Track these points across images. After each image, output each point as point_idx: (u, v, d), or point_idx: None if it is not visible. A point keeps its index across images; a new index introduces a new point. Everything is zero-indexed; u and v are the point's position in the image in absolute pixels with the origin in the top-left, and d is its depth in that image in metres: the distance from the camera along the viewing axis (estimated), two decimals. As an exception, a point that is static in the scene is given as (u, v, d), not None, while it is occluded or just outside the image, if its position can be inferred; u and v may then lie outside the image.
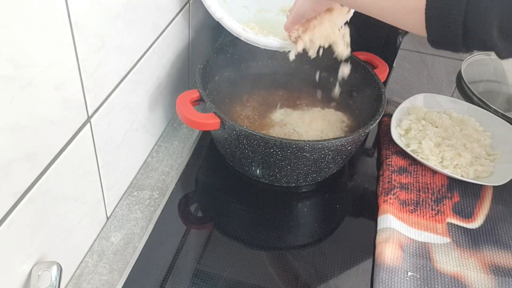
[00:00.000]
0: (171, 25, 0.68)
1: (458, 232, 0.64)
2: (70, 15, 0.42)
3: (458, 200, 0.69)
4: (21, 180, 0.42)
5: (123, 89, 0.57)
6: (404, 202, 0.67)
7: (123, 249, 0.60)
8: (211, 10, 0.68)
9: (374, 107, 0.71)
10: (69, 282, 0.56)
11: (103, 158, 0.57)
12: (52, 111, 0.43)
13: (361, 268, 0.60)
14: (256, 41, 0.67)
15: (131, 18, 0.55)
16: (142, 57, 0.61)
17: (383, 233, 0.62)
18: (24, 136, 0.40)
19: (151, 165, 0.72)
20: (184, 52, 0.77)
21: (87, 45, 0.47)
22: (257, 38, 0.67)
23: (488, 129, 0.78)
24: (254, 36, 0.67)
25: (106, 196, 0.60)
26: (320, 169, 0.67)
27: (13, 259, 0.44)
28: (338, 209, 0.69)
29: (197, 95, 0.65)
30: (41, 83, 0.40)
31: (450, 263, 0.60)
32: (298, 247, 0.63)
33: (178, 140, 0.77)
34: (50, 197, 0.47)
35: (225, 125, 0.62)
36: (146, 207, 0.65)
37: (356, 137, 0.63)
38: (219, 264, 0.58)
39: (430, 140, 0.73)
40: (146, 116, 0.68)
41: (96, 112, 0.52)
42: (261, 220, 0.65)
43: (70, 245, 0.54)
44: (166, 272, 0.57)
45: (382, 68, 0.76)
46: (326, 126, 0.73)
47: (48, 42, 0.40)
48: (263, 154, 0.63)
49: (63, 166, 0.47)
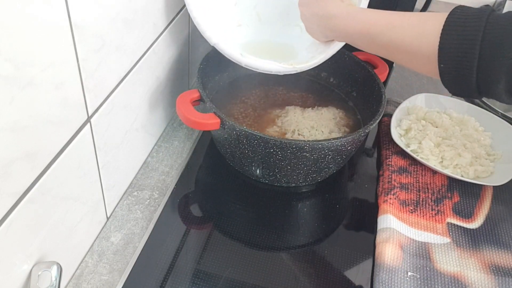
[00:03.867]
0: (171, 25, 0.68)
1: (458, 232, 0.64)
2: (70, 15, 0.42)
3: (458, 200, 0.69)
4: (21, 180, 0.42)
5: (123, 89, 0.57)
6: (404, 202, 0.67)
7: (123, 249, 0.60)
8: (206, 35, 0.66)
9: (374, 107, 0.71)
10: (69, 282, 0.56)
11: (103, 158, 0.57)
12: (52, 111, 0.43)
13: (361, 268, 0.60)
14: (256, 66, 0.66)
15: (131, 18, 0.55)
16: (142, 57, 0.61)
17: (383, 233, 0.62)
18: (24, 136, 0.40)
19: (151, 165, 0.72)
20: (184, 52, 0.77)
21: (87, 45, 0.47)
22: (257, 64, 0.66)
23: (488, 129, 0.78)
24: (253, 62, 0.66)
25: (106, 196, 0.60)
26: (320, 169, 0.67)
27: (13, 259, 0.44)
28: (338, 209, 0.69)
29: (197, 95, 0.65)
30: (41, 83, 0.40)
31: (450, 263, 0.60)
32: (298, 247, 0.63)
33: (178, 140, 0.77)
34: (50, 197, 0.47)
35: (225, 125, 0.62)
36: (146, 207, 0.65)
37: (356, 137, 0.63)
38: (219, 264, 0.58)
39: (430, 140, 0.73)
40: (146, 116, 0.68)
41: (96, 112, 0.52)
42: (261, 220, 0.65)
43: (70, 245, 0.54)
44: (166, 272, 0.57)
45: (382, 68, 0.76)
46: (326, 126, 0.73)
47: (48, 42, 0.40)
48: (263, 154, 0.63)
49: (63, 166, 0.47)
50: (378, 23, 0.53)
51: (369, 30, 0.54)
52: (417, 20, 0.50)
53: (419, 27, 0.49)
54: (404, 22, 0.51)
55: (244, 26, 0.77)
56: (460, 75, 0.46)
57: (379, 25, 0.53)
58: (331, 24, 0.58)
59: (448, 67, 0.47)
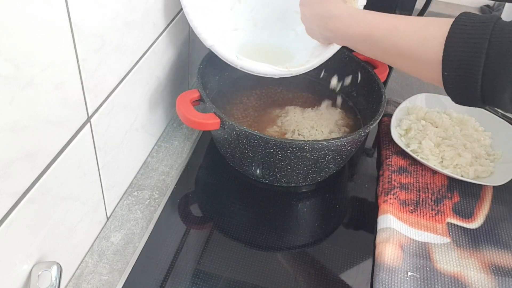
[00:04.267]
0: (171, 25, 0.68)
1: (458, 232, 0.64)
2: (70, 15, 0.42)
3: (458, 200, 0.69)
4: (21, 180, 0.42)
5: (123, 89, 0.57)
6: (404, 202, 0.67)
7: (123, 249, 0.60)
8: (202, 37, 0.66)
9: (374, 107, 0.71)
10: (69, 282, 0.56)
11: (103, 158, 0.57)
12: (52, 111, 0.43)
13: (361, 268, 0.60)
14: (251, 69, 0.66)
15: (131, 18, 0.55)
16: (142, 57, 0.61)
17: (383, 233, 0.62)
18: (24, 136, 0.40)
19: (151, 165, 0.72)
20: (184, 52, 0.77)
21: (87, 45, 0.47)
22: (252, 66, 0.66)
23: (488, 129, 0.78)
24: (248, 64, 0.66)
25: (106, 196, 0.60)
26: (320, 169, 0.67)
27: (13, 259, 0.44)
28: (338, 209, 0.69)
29: (197, 95, 0.65)
30: (41, 83, 0.40)
31: (450, 263, 0.60)
32: (298, 247, 0.63)
33: (178, 140, 0.77)
34: (50, 197, 0.47)
35: (225, 125, 0.62)
36: (146, 207, 0.65)
37: (356, 137, 0.63)
38: (219, 264, 0.58)
39: (430, 140, 0.73)
40: (146, 116, 0.68)
41: (96, 112, 0.52)
42: (261, 220, 0.65)
43: (70, 245, 0.54)
44: (166, 272, 0.57)
45: (382, 68, 0.76)
46: (326, 126, 0.73)
47: (48, 42, 0.40)
48: (263, 154, 0.63)
49: (63, 166, 0.47)
50: (381, 26, 0.52)
51: (371, 33, 0.52)
52: (421, 25, 0.49)
53: (423, 32, 0.48)
54: (408, 27, 0.50)
55: (240, 30, 0.77)
56: (464, 83, 0.45)
57: (382, 29, 0.51)
58: (332, 25, 0.57)
59: (452, 75, 0.45)
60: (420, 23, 0.49)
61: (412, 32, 0.49)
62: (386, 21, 0.52)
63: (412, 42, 0.49)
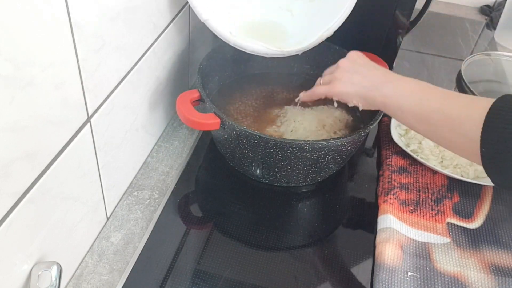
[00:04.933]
0: (171, 25, 0.68)
1: (458, 232, 0.64)
2: (70, 15, 0.42)
3: (458, 200, 0.69)
4: (21, 180, 0.42)
5: (123, 89, 0.57)
6: (404, 202, 0.67)
7: (123, 249, 0.60)
8: (197, 10, 0.65)
9: (374, 107, 0.70)
10: (69, 282, 0.56)
11: (103, 158, 0.57)
12: (52, 111, 0.43)
13: (361, 268, 0.60)
14: (243, 47, 0.66)
15: (131, 18, 0.55)
16: (142, 57, 0.61)
17: (383, 233, 0.62)
18: (24, 136, 0.40)
19: (151, 165, 0.72)
20: (184, 52, 0.77)
21: (87, 45, 0.47)
22: (244, 44, 0.66)
23: (488, 129, 0.78)
24: (241, 41, 0.66)
25: (106, 196, 0.60)
26: (320, 169, 0.67)
27: (13, 259, 0.44)
28: (338, 209, 0.69)
29: (197, 95, 0.65)
30: (41, 83, 0.40)
31: (450, 263, 0.60)
32: (298, 247, 0.63)
33: (178, 140, 0.77)
34: (50, 197, 0.47)
35: (225, 125, 0.62)
36: (146, 207, 0.65)
37: (356, 137, 0.63)
38: (219, 264, 0.58)
39: (430, 140, 0.73)
40: (146, 116, 0.68)
41: (96, 112, 0.52)
42: (261, 220, 0.65)
43: (70, 245, 0.54)
44: (166, 272, 0.57)
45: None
46: (326, 126, 0.73)
47: (48, 42, 0.40)
48: (263, 154, 0.63)
49: (63, 166, 0.47)
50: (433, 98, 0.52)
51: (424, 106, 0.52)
52: (465, 101, 0.50)
53: (466, 108, 0.49)
54: (454, 101, 0.50)
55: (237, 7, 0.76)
56: (502, 160, 0.45)
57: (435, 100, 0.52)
58: (380, 94, 0.57)
59: (490, 151, 0.45)
60: (464, 98, 0.50)
61: (457, 107, 0.50)
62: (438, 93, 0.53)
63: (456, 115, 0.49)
